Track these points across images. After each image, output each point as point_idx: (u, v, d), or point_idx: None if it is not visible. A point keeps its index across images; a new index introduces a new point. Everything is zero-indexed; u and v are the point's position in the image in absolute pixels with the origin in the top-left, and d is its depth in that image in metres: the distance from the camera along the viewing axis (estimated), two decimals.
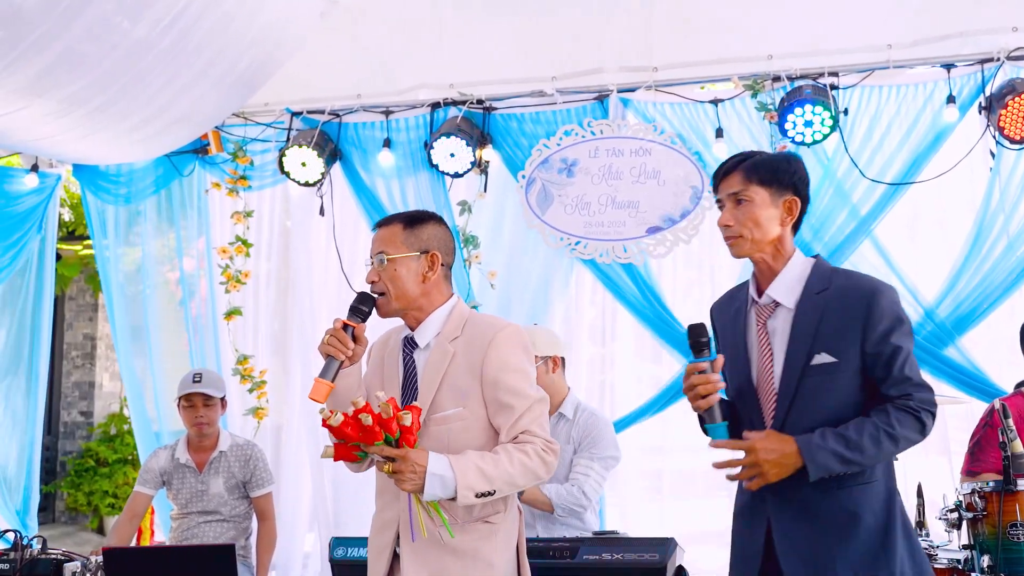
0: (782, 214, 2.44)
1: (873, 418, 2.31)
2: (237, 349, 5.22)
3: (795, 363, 2.38)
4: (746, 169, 2.45)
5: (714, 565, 4.60)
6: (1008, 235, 4.15)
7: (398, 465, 2.31)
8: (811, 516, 2.33)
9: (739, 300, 2.56)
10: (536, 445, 2.43)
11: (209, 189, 5.27)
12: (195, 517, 4.28)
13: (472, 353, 2.49)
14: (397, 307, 2.54)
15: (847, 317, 2.36)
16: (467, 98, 4.76)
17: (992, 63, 4.20)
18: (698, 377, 2.37)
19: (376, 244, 2.58)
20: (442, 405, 2.48)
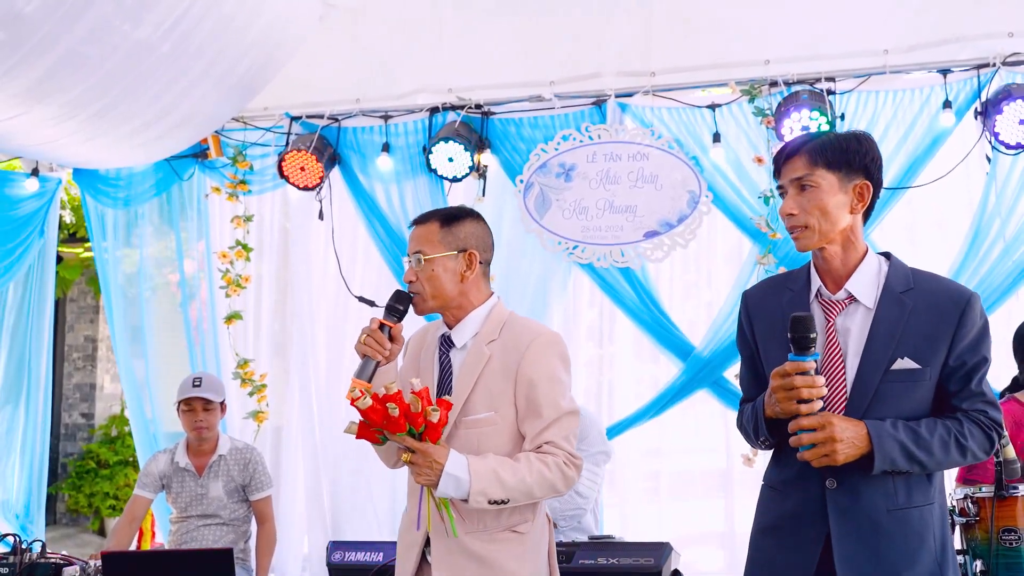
0: (852, 200, 2.22)
1: (946, 422, 2.16)
2: (237, 353, 5.24)
3: (874, 366, 2.15)
4: (811, 151, 2.22)
5: (711, 567, 4.63)
6: (1005, 239, 4.16)
7: (416, 458, 2.30)
8: (877, 539, 2.14)
9: (791, 291, 2.30)
10: (558, 458, 2.40)
11: (209, 193, 5.29)
12: (194, 520, 4.30)
13: (508, 357, 2.46)
14: (434, 306, 2.52)
15: (937, 322, 2.16)
16: (465, 103, 4.77)
17: (988, 68, 4.21)
18: (804, 379, 2.07)
19: (413, 242, 2.54)
20: (474, 408, 2.45)
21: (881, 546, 2.12)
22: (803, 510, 2.19)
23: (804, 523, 2.18)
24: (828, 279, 2.25)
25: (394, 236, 4.93)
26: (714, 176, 4.49)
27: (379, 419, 2.26)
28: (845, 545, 2.13)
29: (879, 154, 2.26)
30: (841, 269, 2.24)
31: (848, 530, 2.14)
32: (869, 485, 2.14)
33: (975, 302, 2.19)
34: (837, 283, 2.24)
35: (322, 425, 5.11)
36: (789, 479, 2.24)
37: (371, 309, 4.91)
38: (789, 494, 2.23)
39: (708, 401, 4.57)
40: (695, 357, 4.50)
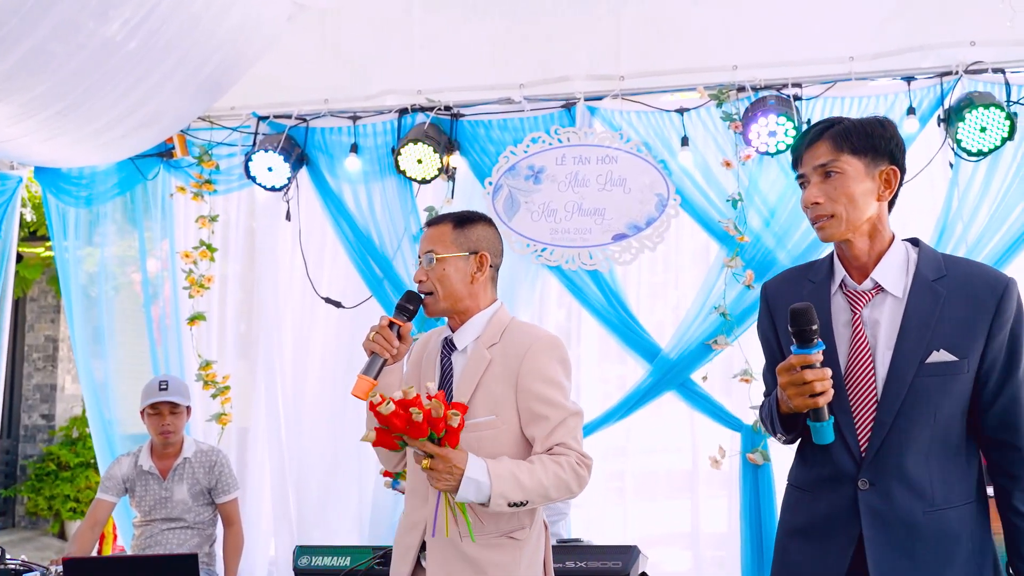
0: (879, 187, 2.12)
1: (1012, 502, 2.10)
2: (200, 355, 5.18)
3: (908, 359, 2.05)
4: (835, 136, 2.11)
5: (677, 568, 4.65)
6: (967, 243, 4.23)
7: (436, 463, 2.28)
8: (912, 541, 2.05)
9: (813, 283, 2.21)
10: (571, 458, 2.40)
11: (174, 193, 5.22)
12: (158, 524, 4.25)
13: (509, 361, 2.47)
14: (445, 307, 2.53)
15: (972, 310, 2.05)
16: (435, 104, 4.76)
17: (951, 76, 4.28)
18: (814, 372, 1.98)
19: (425, 243, 2.57)
20: (475, 412, 2.46)
21: (917, 549, 2.04)
22: (834, 512, 2.11)
23: (836, 526, 2.11)
24: (853, 269, 2.15)
25: (362, 237, 4.90)
26: (682, 179, 4.52)
27: (402, 424, 2.22)
28: (878, 549, 2.05)
29: (902, 139, 2.18)
30: (867, 259, 2.13)
31: (882, 533, 2.06)
32: (904, 485, 2.06)
33: (1013, 287, 2.08)
34: (863, 273, 2.14)
35: (288, 427, 5.07)
36: (819, 480, 2.17)
37: (338, 311, 4.93)
38: (819, 495, 2.16)
39: (674, 402, 4.59)
40: (662, 359, 4.52)
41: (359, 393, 2.38)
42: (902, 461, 2.06)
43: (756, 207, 4.43)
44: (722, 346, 4.40)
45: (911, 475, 2.06)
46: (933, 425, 2.06)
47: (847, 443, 2.10)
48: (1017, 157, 4.27)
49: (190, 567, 3.55)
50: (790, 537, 2.23)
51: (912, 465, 2.06)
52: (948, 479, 2.08)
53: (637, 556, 3.58)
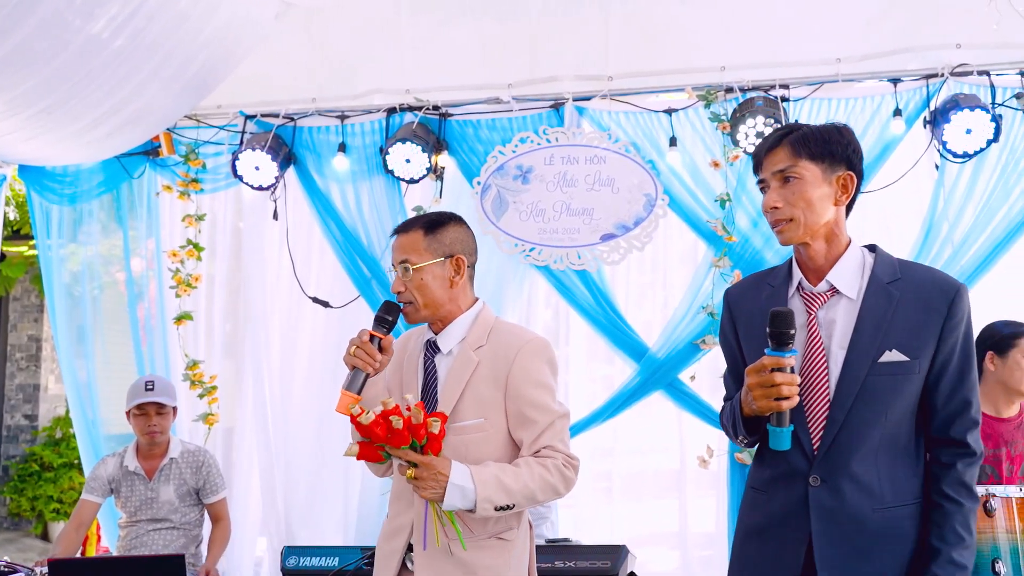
0: (836, 192, 2.17)
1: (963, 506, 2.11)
2: (187, 354, 5.16)
3: (860, 359, 2.09)
4: (794, 142, 2.16)
5: (665, 567, 4.66)
6: (952, 244, 4.27)
7: (420, 472, 2.28)
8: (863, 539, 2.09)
9: (772, 286, 2.26)
10: (557, 460, 2.41)
11: (160, 192, 5.19)
12: (144, 525, 4.23)
13: (497, 364, 2.45)
14: (426, 315, 2.51)
15: (925, 312, 2.10)
16: (423, 104, 4.75)
17: (937, 78, 4.31)
18: (783, 376, 2.01)
19: (397, 252, 2.51)
20: (462, 415, 2.44)
21: (866, 546, 2.08)
22: (788, 510, 2.15)
23: (789, 523, 2.14)
24: (810, 272, 2.20)
25: (349, 237, 4.89)
26: (670, 180, 4.53)
27: (383, 434, 2.23)
28: (827, 545, 2.09)
29: (859, 145, 2.22)
30: (824, 262, 2.18)
31: (831, 529, 2.09)
32: (853, 483, 2.09)
33: (964, 293, 2.13)
34: (819, 275, 2.18)
35: (276, 427, 5.05)
36: (774, 479, 2.20)
37: (326, 310, 4.92)
38: (774, 495, 2.19)
39: (662, 402, 4.60)
40: (649, 358, 4.53)
41: (343, 409, 2.36)
42: (852, 459, 2.10)
43: (744, 207, 4.45)
44: (710, 346, 4.42)
45: (860, 473, 2.10)
46: (884, 424, 2.10)
47: (800, 441, 2.13)
48: (1002, 159, 4.30)
49: (177, 568, 3.53)
50: (747, 537, 2.27)
51: (861, 463, 2.10)
52: (897, 478, 2.12)
53: (626, 556, 3.59)
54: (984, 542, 3.08)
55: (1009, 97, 4.28)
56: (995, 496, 3.12)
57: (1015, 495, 3.14)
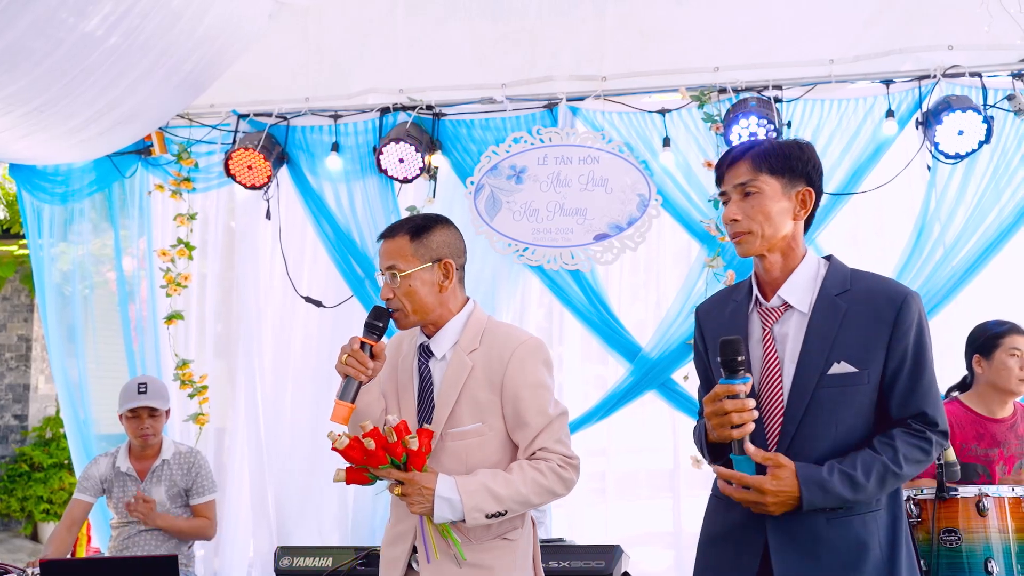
0: (795, 207, 2.20)
1: (881, 456, 2.10)
2: (177, 354, 5.14)
3: (809, 372, 2.12)
4: (754, 157, 2.20)
5: (657, 567, 4.67)
6: (944, 245, 4.29)
7: (406, 488, 2.29)
8: (817, 548, 2.10)
9: (735, 302, 2.30)
10: (551, 462, 2.39)
11: (152, 191, 5.17)
12: (136, 526, 4.21)
13: (492, 366, 2.43)
14: (416, 320, 2.49)
15: (873, 323, 2.12)
16: (417, 104, 4.75)
17: (929, 80, 4.33)
18: (733, 403, 2.05)
19: (384, 258, 2.49)
20: (460, 420, 2.43)
21: (822, 555, 2.09)
22: (745, 520, 2.17)
23: (746, 533, 2.17)
24: (766, 286, 2.24)
25: (342, 236, 4.88)
26: (664, 180, 4.54)
27: (359, 456, 2.25)
28: (783, 555, 2.11)
29: (819, 162, 2.26)
30: (779, 275, 2.21)
31: (786, 540, 2.11)
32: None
33: (912, 300, 2.14)
34: (773, 289, 2.22)
35: (268, 427, 5.04)
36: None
37: (318, 310, 4.91)
38: (734, 504, 2.20)
39: (655, 402, 4.61)
40: (642, 358, 4.54)
41: (338, 419, 2.35)
42: None
43: None
44: None
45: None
46: (834, 435, 2.12)
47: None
48: (993, 160, 4.32)
49: (170, 569, 3.51)
50: (708, 545, 2.30)
51: None
52: None
53: (620, 556, 3.60)
54: (977, 541, 3.11)
55: (1000, 99, 4.30)
56: (988, 496, 3.14)
57: (1008, 495, 3.17)
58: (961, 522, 3.12)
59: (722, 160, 2.28)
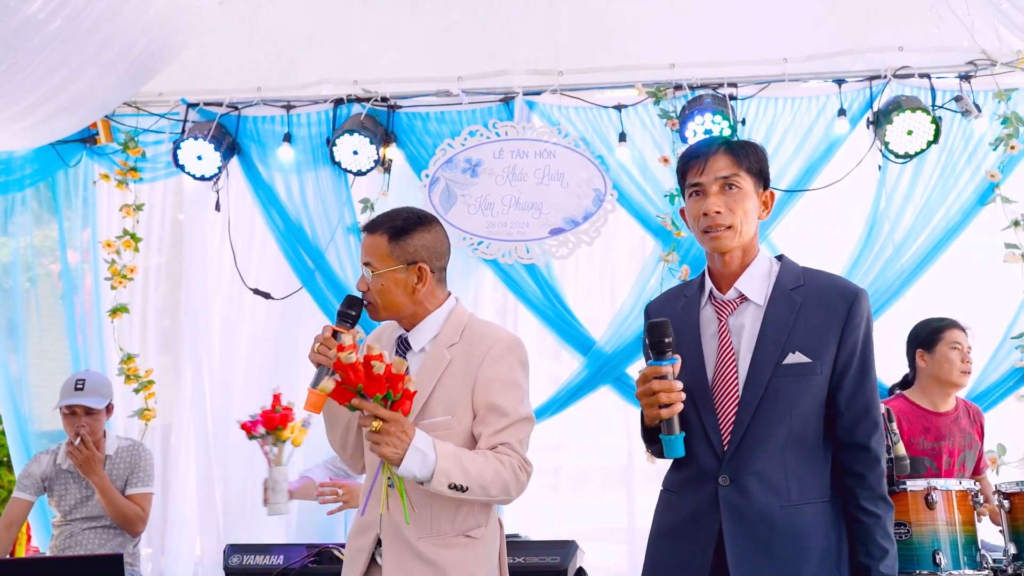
0: (760, 208, 2.26)
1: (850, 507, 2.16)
2: (122, 348, 5.02)
3: (764, 362, 2.16)
4: (735, 152, 2.22)
5: (609, 562, 4.69)
6: (893, 243, 4.36)
7: (388, 427, 2.19)
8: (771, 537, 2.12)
9: (687, 297, 2.33)
10: (514, 460, 2.37)
11: (97, 180, 5.03)
12: (79, 524, 4.10)
13: (468, 361, 2.42)
14: (386, 316, 2.48)
15: (826, 316, 2.18)
16: (371, 95, 4.69)
17: (880, 80, 4.41)
18: (660, 383, 2.09)
19: (364, 252, 2.48)
20: (431, 412, 2.40)
21: (774, 544, 2.12)
22: (698, 510, 2.18)
23: (699, 523, 2.17)
24: (722, 281, 2.26)
25: (293, 228, 4.81)
26: (619, 175, 4.55)
27: (360, 377, 2.15)
28: (737, 544, 2.12)
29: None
30: (737, 269, 2.24)
31: (740, 528, 2.13)
32: (760, 481, 2.14)
33: (863, 297, 2.21)
34: (729, 284, 2.25)
35: (215, 424, 4.94)
36: (686, 480, 2.24)
37: (267, 305, 4.83)
38: (686, 496, 2.22)
39: (609, 397, 4.62)
40: (596, 352, 4.55)
41: (311, 407, 2.30)
42: (759, 458, 2.15)
43: None
44: None
45: (767, 471, 2.14)
46: (789, 424, 2.15)
47: (711, 442, 2.18)
48: (941, 160, 4.42)
49: (116, 568, 3.43)
50: (660, 538, 2.30)
51: (768, 462, 2.15)
52: (803, 477, 2.16)
53: (575, 551, 3.59)
54: (925, 534, 3.16)
55: (948, 100, 4.39)
56: (936, 489, 3.20)
57: (955, 488, 3.22)
58: (911, 515, 3.17)
59: (696, 152, 2.26)
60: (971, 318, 3.88)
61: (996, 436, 4.17)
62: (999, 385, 4.27)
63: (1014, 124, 4.31)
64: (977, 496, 3.24)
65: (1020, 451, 4.21)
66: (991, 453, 4.15)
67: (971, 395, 4.19)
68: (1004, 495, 3.31)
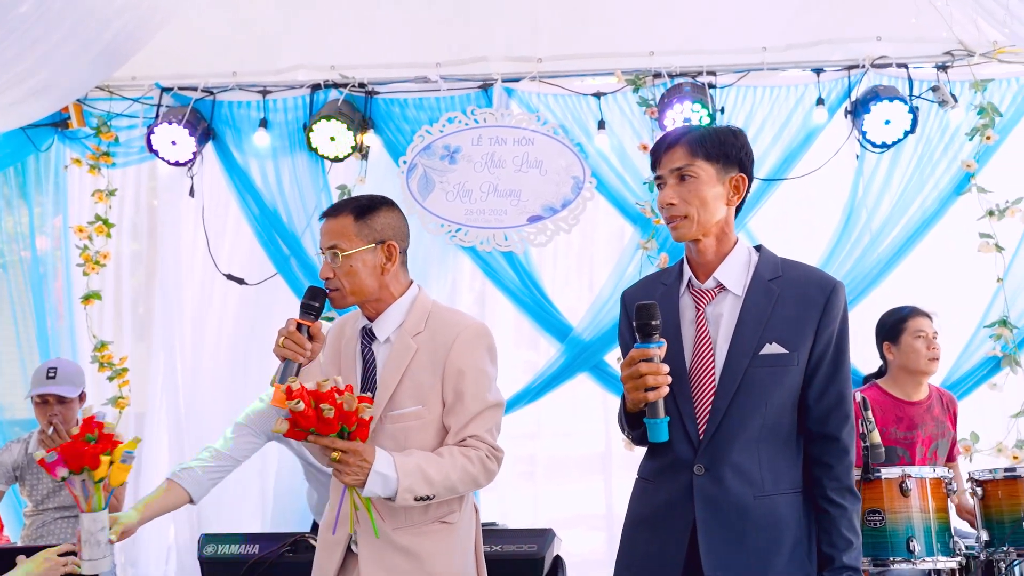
0: (728, 193, 2.24)
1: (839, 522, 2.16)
2: (95, 335, 4.95)
3: (742, 352, 2.17)
4: (691, 142, 2.22)
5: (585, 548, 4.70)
6: (871, 231, 4.39)
7: (346, 457, 2.21)
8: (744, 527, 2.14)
9: (665, 285, 2.32)
10: (481, 452, 2.37)
11: (68, 165, 4.96)
12: (51, 513, 4.06)
13: (436, 350, 2.40)
14: (353, 301, 2.44)
15: (804, 307, 2.18)
16: (349, 81, 4.65)
17: (858, 70, 4.42)
18: (648, 366, 2.07)
19: (326, 237, 2.42)
20: (401, 403, 2.38)
21: (747, 533, 2.13)
22: (673, 499, 2.18)
23: (674, 512, 2.18)
24: (700, 270, 2.26)
25: (268, 214, 4.77)
26: (598, 163, 4.54)
27: (312, 422, 2.17)
28: (710, 533, 2.13)
29: (751, 149, 2.30)
30: (713, 260, 2.24)
31: (714, 518, 2.14)
32: (735, 471, 2.15)
33: (840, 290, 2.22)
34: (707, 272, 2.25)
35: (188, 411, 4.90)
36: (661, 469, 2.24)
37: (240, 292, 4.78)
38: (661, 484, 2.22)
39: (587, 384, 4.62)
40: (573, 339, 4.55)
41: (278, 403, 2.25)
42: (734, 448, 2.15)
43: None
44: None
45: (742, 461, 2.15)
46: (764, 414, 2.16)
47: (687, 431, 2.18)
48: (918, 150, 4.45)
49: None
50: (634, 527, 2.30)
51: (743, 452, 2.15)
52: (777, 467, 2.17)
53: (552, 539, 3.59)
54: (899, 521, 3.20)
55: (925, 90, 4.41)
56: (911, 477, 3.23)
57: (929, 476, 3.26)
58: (885, 502, 3.20)
59: (658, 144, 2.29)
60: (946, 307, 3.91)
61: (969, 424, 4.22)
62: (973, 373, 4.32)
63: (990, 114, 4.35)
64: (951, 484, 3.28)
65: (993, 439, 4.25)
66: (964, 441, 4.20)
67: (945, 383, 4.24)
68: (977, 483, 3.35)
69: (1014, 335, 4.26)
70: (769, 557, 2.12)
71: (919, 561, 3.14)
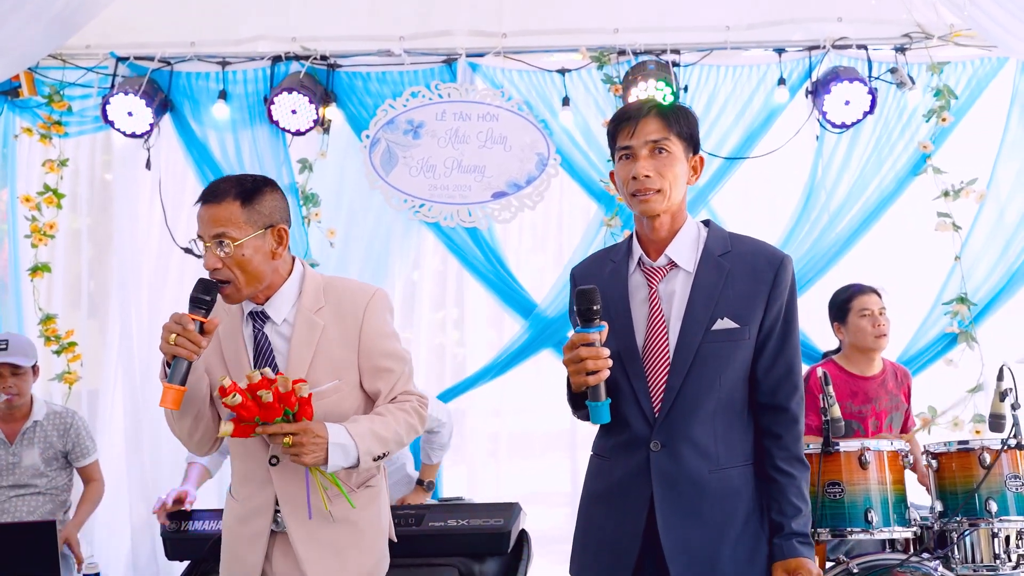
0: (689, 172, 2.24)
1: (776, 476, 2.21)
2: (41, 308, 4.83)
3: (695, 327, 2.17)
4: (665, 116, 2.19)
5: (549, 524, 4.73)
6: (829, 211, 4.46)
7: (300, 438, 2.19)
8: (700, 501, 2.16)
9: (613, 262, 2.31)
10: (412, 403, 2.44)
11: (19, 134, 4.81)
12: (5, 492, 3.97)
13: (346, 321, 2.38)
14: (248, 293, 2.32)
15: (753, 281, 2.20)
16: (310, 53, 4.58)
17: (819, 50, 4.46)
18: (588, 350, 2.06)
19: (209, 225, 2.27)
20: (317, 380, 2.35)
21: (703, 508, 2.16)
22: (629, 476, 2.20)
23: (631, 489, 2.20)
24: (651, 247, 2.25)
25: None
26: (563, 139, 4.54)
27: (255, 411, 2.16)
28: (667, 508, 2.16)
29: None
30: (666, 235, 2.23)
31: (670, 493, 2.16)
32: (690, 446, 2.17)
33: (788, 263, 2.24)
34: (659, 250, 2.24)
35: (144, 387, 4.81)
36: (617, 446, 2.25)
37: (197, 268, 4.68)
38: (617, 461, 2.24)
39: (552, 361, 4.63)
40: (537, 316, 4.56)
41: (169, 404, 2.17)
42: (690, 423, 2.18)
43: None
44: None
45: (697, 436, 2.18)
46: (718, 389, 2.18)
47: (642, 408, 2.20)
48: (876, 131, 4.52)
49: (48, 535, 3.34)
50: (591, 503, 2.32)
51: (698, 427, 2.18)
52: (731, 441, 2.21)
53: (519, 513, 3.61)
54: (858, 493, 3.27)
55: (884, 71, 4.48)
56: (869, 450, 3.31)
57: (887, 449, 3.34)
58: (844, 475, 3.27)
59: (627, 114, 2.23)
60: (903, 285, 4.01)
61: (926, 399, 4.33)
62: (928, 349, 4.43)
63: (946, 96, 4.43)
64: (907, 456, 3.37)
65: (949, 413, 4.37)
66: (922, 414, 4.31)
67: (902, 359, 4.34)
68: (932, 455, 3.44)
69: (970, 312, 4.37)
70: (724, 529, 2.16)
71: (877, 531, 3.22)
